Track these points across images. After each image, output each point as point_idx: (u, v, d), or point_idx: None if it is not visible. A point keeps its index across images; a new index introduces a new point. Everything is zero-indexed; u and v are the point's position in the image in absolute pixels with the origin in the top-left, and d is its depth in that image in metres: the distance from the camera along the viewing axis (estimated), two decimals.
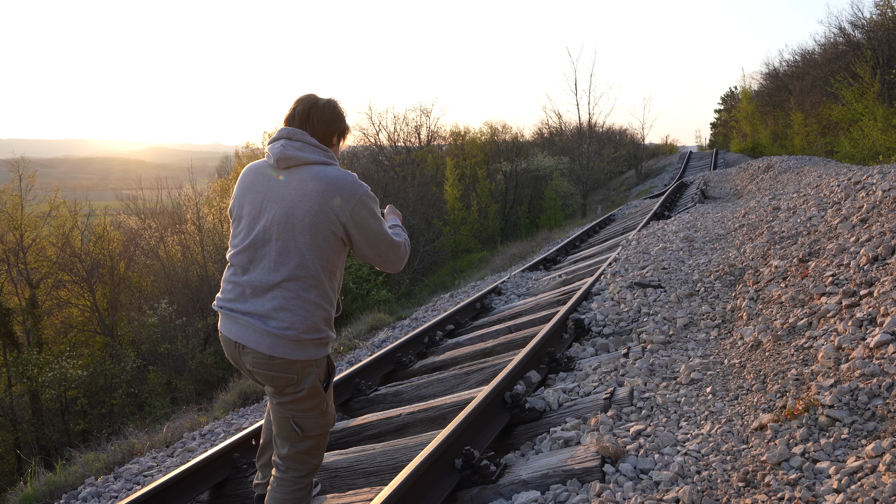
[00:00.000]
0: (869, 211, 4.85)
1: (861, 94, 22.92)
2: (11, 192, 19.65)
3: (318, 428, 2.33)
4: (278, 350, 2.16)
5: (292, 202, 2.17)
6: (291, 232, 2.16)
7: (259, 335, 2.17)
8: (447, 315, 6.62)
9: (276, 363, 2.18)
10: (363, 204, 2.20)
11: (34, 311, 18.64)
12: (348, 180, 2.20)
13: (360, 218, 2.21)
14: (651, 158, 48.75)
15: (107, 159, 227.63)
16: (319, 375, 2.26)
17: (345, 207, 2.17)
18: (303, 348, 2.19)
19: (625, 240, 9.09)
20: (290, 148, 2.22)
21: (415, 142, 38.23)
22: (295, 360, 2.18)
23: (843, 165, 14.46)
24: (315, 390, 2.26)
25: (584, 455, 2.76)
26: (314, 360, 2.22)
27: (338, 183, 2.19)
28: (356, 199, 2.19)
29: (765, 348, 3.53)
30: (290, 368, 2.19)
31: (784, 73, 40.97)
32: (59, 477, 4.89)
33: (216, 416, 6.14)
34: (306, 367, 2.21)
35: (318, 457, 2.40)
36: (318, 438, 2.36)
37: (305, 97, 2.32)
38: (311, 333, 2.19)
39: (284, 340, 2.16)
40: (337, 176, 2.20)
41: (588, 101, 39.20)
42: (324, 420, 2.34)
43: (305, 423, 2.29)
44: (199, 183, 25.24)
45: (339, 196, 2.17)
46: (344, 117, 2.35)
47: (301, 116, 2.27)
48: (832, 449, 2.37)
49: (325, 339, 2.24)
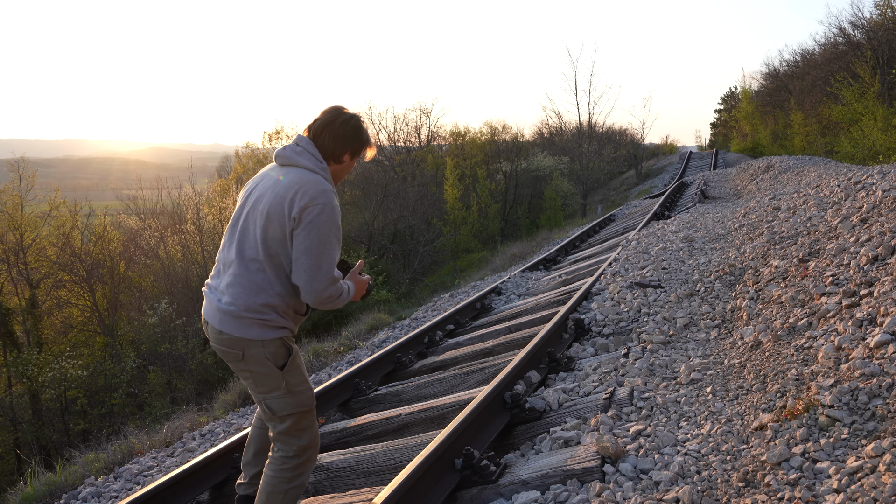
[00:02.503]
0: (869, 211, 4.85)
1: (861, 94, 22.91)
2: (11, 192, 19.65)
3: (288, 408, 2.35)
4: (225, 325, 2.28)
5: (266, 191, 2.32)
6: (254, 216, 2.30)
7: (214, 310, 2.32)
8: (447, 315, 6.62)
9: (223, 338, 2.30)
10: (314, 209, 2.21)
11: (34, 311, 18.64)
12: (318, 185, 2.26)
13: (304, 222, 2.21)
14: (651, 158, 48.75)
15: (107, 159, 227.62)
16: (269, 356, 2.29)
17: (299, 203, 2.21)
18: (246, 326, 2.26)
19: (625, 240, 9.09)
20: (290, 150, 2.37)
21: (415, 142, 38.24)
22: (240, 337, 2.26)
23: (843, 165, 14.46)
24: (268, 372, 2.30)
25: (584, 455, 2.76)
26: (259, 340, 2.27)
27: (306, 183, 2.26)
28: (312, 202, 2.21)
29: (765, 348, 3.53)
30: (236, 345, 2.28)
31: (784, 73, 40.96)
32: (59, 477, 4.89)
33: (216, 416, 6.14)
34: (251, 347, 2.28)
35: (302, 438, 2.39)
36: (294, 418, 2.37)
37: (330, 110, 2.40)
38: (252, 312, 2.25)
39: (229, 316, 2.27)
40: (311, 179, 2.28)
41: (588, 101, 39.25)
42: (293, 400, 2.35)
43: (273, 404, 2.35)
44: (199, 183, 25.24)
45: (300, 192, 2.23)
46: (360, 136, 2.41)
47: (316, 129, 2.38)
48: (832, 449, 2.37)
49: (270, 321, 2.27)
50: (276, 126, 34.93)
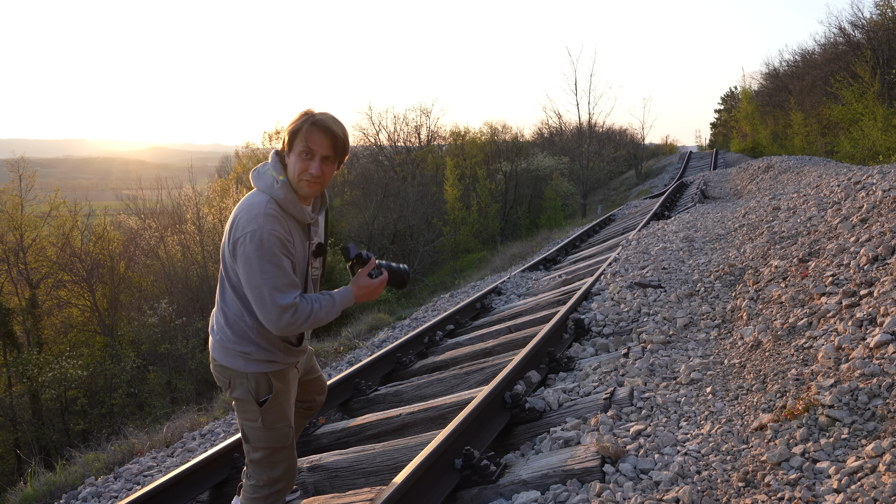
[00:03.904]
0: (869, 211, 4.85)
1: (861, 94, 22.92)
2: (11, 192, 19.65)
3: (261, 440, 2.33)
4: (215, 352, 2.34)
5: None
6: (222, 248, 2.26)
7: (212, 335, 2.37)
8: (447, 315, 6.62)
9: (216, 365, 2.35)
10: (243, 241, 2.09)
11: (34, 311, 18.65)
12: (250, 211, 2.12)
13: (239, 255, 2.12)
14: (651, 158, 48.77)
15: (107, 159, 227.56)
16: (251, 390, 2.28)
17: (233, 237, 2.14)
18: (231, 357, 2.28)
19: (625, 240, 9.09)
20: (255, 171, 2.25)
21: (415, 142, 38.25)
22: (226, 366, 2.30)
23: (843, 165, 14.46)
24: (246, 403, 2.30)
25: (584, 455, 2.76)
26: (242, 372, 2.28)
27: (241, 211, 2.15)
28: (241, 233, 2.11)
29: (765, 348, 3.53)
30: (224, 373, 2.32)
31: (784, 73, 40.98)
32: (59, 477, 4.90)
33: (216, 416, 6.14)
34: (235, 377, 2.30)
35: (274, 470, 2.37)
36: (266, 452, 2.35)
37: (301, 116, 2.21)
38: (234, 344, 2.27)
39: (217, 345, 2.32)
40: (248, 204, 2.15)
41: (588, 101, 39.37)
42: (265, 434, 2.32)
43: (248, 433, 2.36)
44: (199, 183, 25.23)
45: (235, 223, 2.15)
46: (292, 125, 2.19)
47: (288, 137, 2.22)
48: (832, 449, 2.37)
49: (252, 354, 2.25)
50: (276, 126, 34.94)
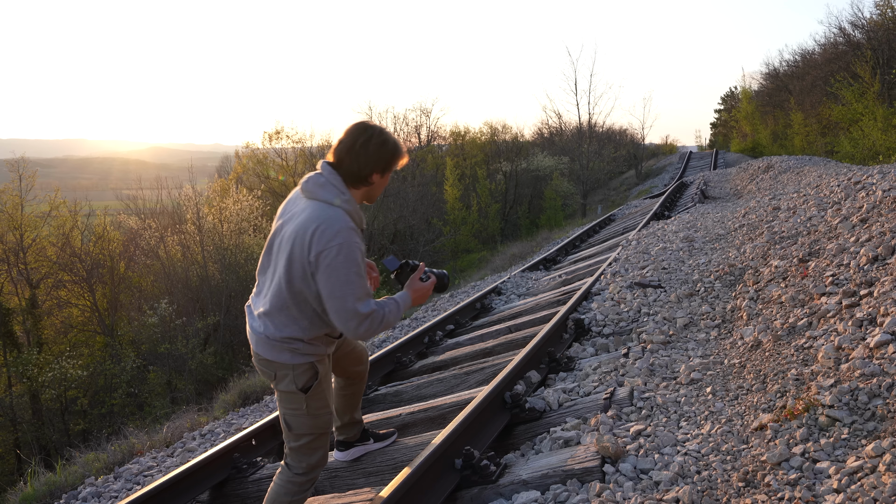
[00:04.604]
0: (869, 211, 4.85)
1: (861, 94, 22.91)
2: (11, 192, 19.64)
3: (304, 428, 2.44)
4: (260, 348, 2.39)
5: (289, 224, 2.32)
6: (279, 251, 2.33)
7: (253, 333, 2.42)
8: (447, 315, 6.62)
9: (260, 359, 2.42)
10: (329, 253, 2.19)
11: (34, 311, 18.65)
12: (332, 227, 2.21)
13: (322, 266, 2.20)
14: (651, 158, 48.76)
15: (107, 159, 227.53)
16: (295, 379, 2.38)
17: (316, 248, 2.20)
18: (277, 351, 2.36)
19: (625, 240, 9.09)
20: (313, 181, 2.32)
21: (415, 142, 38.25)
22: (272, 360, 2.37)
23: (843, 165, 14.46)
24: (292, 393, 2.40)
25: (584, 455, 2.76)
26: (289, 364, 2.37)
27: (321, 224, 2.22)
28: (326, 245, 2.19)
29: (765, 348, 3.52)
30: (269, 367, 2.40)
31: (784, 73, 40.96)
32: (59, 477, 4.90)
33: (216, 416, 6.14)
34: (281, 369, 2.38)
35: (312, 457, 2.48)
36: (309, 439, 2.45)
37: (350, 131, 2.32)
38: (282, 341, 2.34)
39: (264, 340, 2.37)
40: (326, 217, 2.24)
41: (588, 101, 39.26)
42: (310, 421, 2.43)
43: (292, 421, 2.44)
44: (199, 183, 25.20)
45: (315, 236, 2.21)
46: (384, 154, 2.32)
47: (339, 155, 2.32)
48: (832, 449, 2.37)
49: (299, 349, 2.36)
50: (276, 126, 34.94)
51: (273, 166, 32.46)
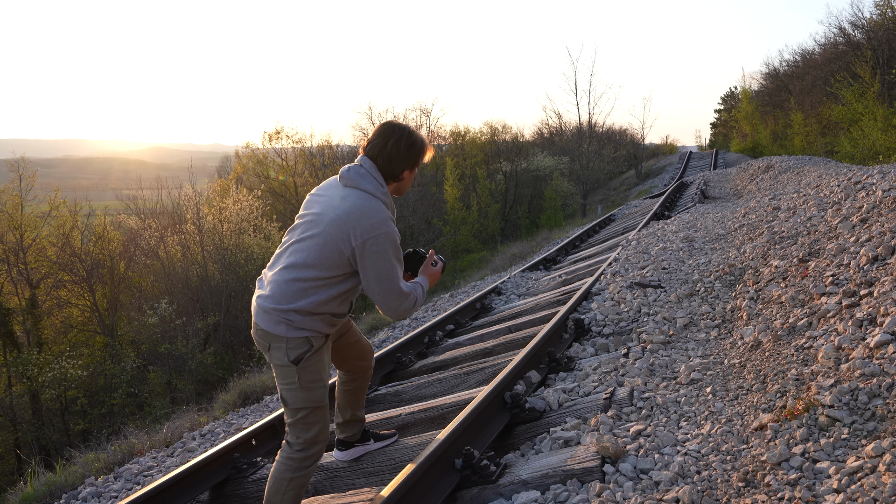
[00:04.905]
0: (869, 211, 4.85)
1: (861, 94, 22.91)
2: (11, 192, 19.64)
3: (299, 402, 2.48)
4: (259, 318, 2.46)
5: (326, 209, 2.43)
6: (314, 229, 2.42)
7: (255, 301, 2.49)
8: (447, 315, 6.62)
9: (257, 330, 2.48)
10: (377, 241, 2.36)
11: (34, 311, 18.65)
12: (377, 216, 2.39)
13: (373, 250, 2.36)
14: (651, 158, 48.76)
15: (107, 159, 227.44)
16: (289, 353, 2.43)
17: (362, 235, 2.35)
18: (273, 322, 2.41)
19: (625, 240, 9.09)
20: (354, 171, 2.49)
21: None
22: (268, 331, 2.42)
23: (843, 165, 14.47)
24: (284, 366, 2.45)
25: (584, 455, 2.76)
26: (283, 336, 2.41)
27: (368, 212, 2.39)
28: (378, 232, 2.36)
29: (765, 348, 3.53)
30: (265, 337, 2.45)
31: (784, 73, 40.96)
32: (59, 477, 4.90)
33: (216, 416, 6.14)
34: (276, 341, 2.43)
35: (309, 432, 2.52)
36: (305, 413, 2.50)
37: (381, 132, 2.51)
38: (282, 313, 2.39)
39: (262, 310, 2.44)
40: (371, 207, 2.41)
41: (588, 101, 39.28)
42: (304, 395, 2.48)
43: (287, 396, 2.49)
44: (199, 183, 25.20)
45: (360, 223, 2.36)
46: (413, 152, 2.52)
47: (372, 154, 2.50)
48: (832, 449, 2.37)
49: (296, 323, 2.41)
50: (276, 126, 34.94)
51: (273, 166, 32.48)
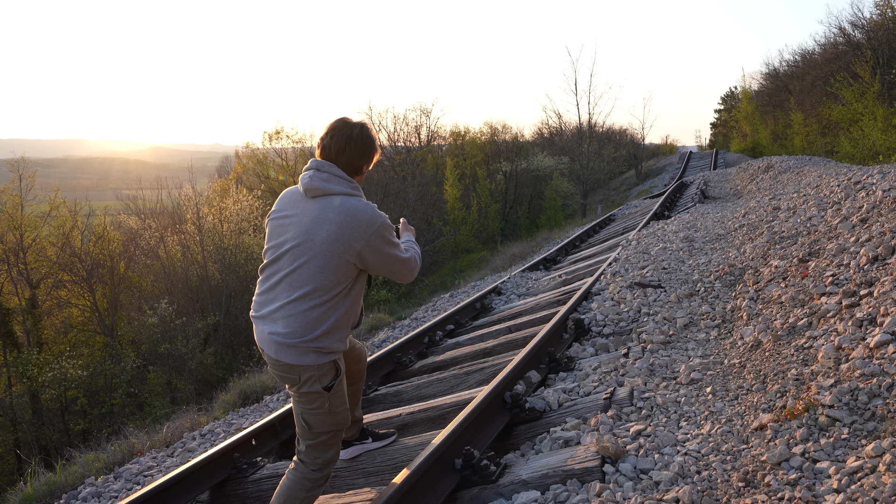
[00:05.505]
0: (869, 211, 4.85)
1: (861, 94, 22.91)
2: (11, 192, 19.63)
3: (324, 426, 2.49)
4: (282, 354, 2.38)
5: (312, 228, 2.35)
6: (307, 255, 2.35)
7: (268, 340, 2.40)
8: (447, 315, 6.62)
9: (281, 366, 2.40)
10: (378, 235, 2.37)
11: (34, 311, 18.63)
12: (367, 213, 2.37)
13: (375, 247, 2.38)
14: (651, 158, 48.76)
15: (107, 159, 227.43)
16: (321, 379, 2.42)
17: (361, 238, 2.35)
18: (301, 354, 2.37)
19: (625, 240, 9.09)
20: (318, 179, 2.39)
21: (415, 142, 38.23)
22: (296, 364, 2.38)
23: (843, 165, 14.46)
24: (317, 393, 2.43)
25: (584, 455, 2.76)
26: (314, 365, 2.39)
27: (357, 215, 2.35)
28: (372, 230, 2.36)
29: (765, 348, 3.53)
30: (293, 371, 2.40)
31: (784, 73, 40.96)
32: (59, 477, 4.90)
33: (216, 416, 6.14)
34: (306, 371, 2.40)
35: (328, 453, 2.54)
36: (327, 436, 2.52)
37: (339, 128, 2.45)
38: (310, 343, 2.36)
39: (286, 347, 2.37)
40: (357, 207, 2.37)
41: (588, 101, 39.34)
42: (330, 419, 2.50)
43: (312, 420, 2.48)
44: (199, 183, 25.19)
45: (357, 228, 2.34)
46: (374, 145, 2.52)
47: (337, 148, 2.44)
48: (832, 449, 2.37)
49: (324, 348, 2.39)
50: (276, 126, 34.95)
51: (273, 166, 32.47)
